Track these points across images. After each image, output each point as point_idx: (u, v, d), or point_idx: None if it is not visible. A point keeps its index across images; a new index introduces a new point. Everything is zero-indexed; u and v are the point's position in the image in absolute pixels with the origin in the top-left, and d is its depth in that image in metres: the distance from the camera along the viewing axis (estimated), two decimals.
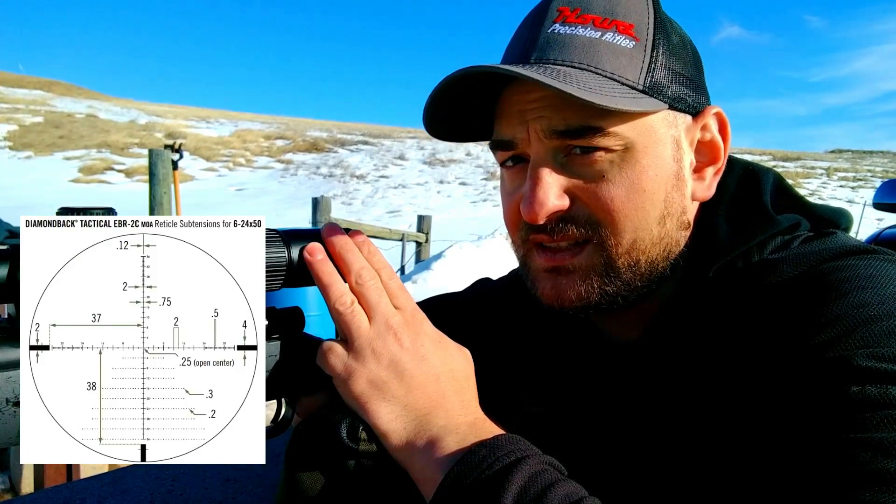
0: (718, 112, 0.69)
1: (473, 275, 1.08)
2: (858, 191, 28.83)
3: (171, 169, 6.80)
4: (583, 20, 0.63)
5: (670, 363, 0.65)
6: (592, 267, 0.65)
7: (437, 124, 0.70)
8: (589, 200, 0.64)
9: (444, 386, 0.58)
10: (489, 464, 0.51)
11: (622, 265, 0.65)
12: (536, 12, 0.67)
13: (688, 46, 0.69)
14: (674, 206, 0.66)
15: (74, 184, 27.57)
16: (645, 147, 0.63)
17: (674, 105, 0.65)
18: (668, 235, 0.66)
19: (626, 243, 0.64)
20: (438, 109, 0.67)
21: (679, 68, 0.66)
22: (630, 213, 0.63)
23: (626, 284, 0.66)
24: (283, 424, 0.63)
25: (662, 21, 0.65)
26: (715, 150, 0.69)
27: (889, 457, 0.45)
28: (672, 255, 0.68)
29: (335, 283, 0.59)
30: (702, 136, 0.69)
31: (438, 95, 0.65)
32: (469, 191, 27.10)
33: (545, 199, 0.63)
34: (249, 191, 28.28)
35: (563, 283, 0.66)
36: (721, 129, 0.69)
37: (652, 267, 0.66)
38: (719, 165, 0.69)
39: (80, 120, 41.41)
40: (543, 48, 0.64)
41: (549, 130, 0.62)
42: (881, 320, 0.52)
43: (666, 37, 0.65)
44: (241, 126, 45.03)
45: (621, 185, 0.63)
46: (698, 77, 0.69)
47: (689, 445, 0.60)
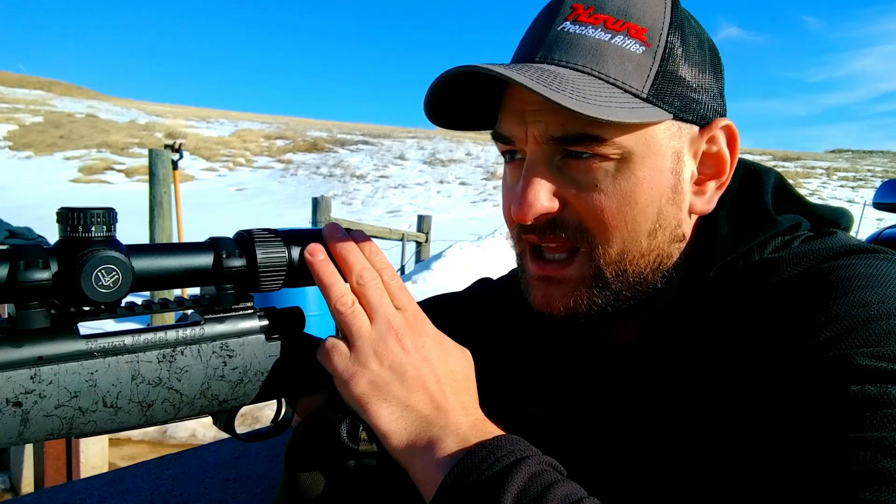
0: (728, 125, 0.67)
1: (473, 275, 1.08)
2: (858, 191, 28.81)
3: (171, 169, 6.80)
4: (595, 20, 0.62)
5: (670, 364, 0.65)
6: (582, 278, 0.65)
7: (439, 113, 0.69)
8: (579, 208, 0.63)
9: (444, 387, 0.58)
10: (489, 464, 0.51)
11: (610, 275, 0.65)
12: (551, 6, 0.66)
13: (706, 50, 0.66)
14: (667, 220, 0.65)
15: (74, 184, 27.55)
16: (643, 158, 0.62)
17: (679, 115, 0.63)
18: (659, 248, 0.66)
19: (613, 254, 0.64)
20: (440, 99, 0.66)
21: (691, 76, 0.64)
22: (619, 224, 0.63)
23: (615, 294, 0.66)
24: (283, 424, 0.64)
25: (679, 24, 0.63)
26: (721, 164, 0.67)
27: (889, 456, 0.45)
28: (664, 266, 0.67)
29: (336, 284, 0.59)
30: (708, 148, 0.67)
31: (439, 87, 0.64)
32: (469, 191, 27.08)
33: (534, 201, 0.63)
34: (249, 191, 28.26)
35: (553, 293, 0.67)
36: (730, 143, 0.67)
37: (640, 278, 0.66)
38: (723, 180, 0.68)
39: (80, 120, 41.39)
40: (550, 47, 0.63)
41: (546, 136, 0.62)
42: (881, 319, 0.52)
43: (682, 41, 0.63)
44: (241, 126, 45.00)
45: (613, 197, 0.62)
46: (713, 83, 0.67)
47: (689, 445, 0.60)
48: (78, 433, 0.50)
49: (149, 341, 0.53)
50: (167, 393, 0.53)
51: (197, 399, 0.55)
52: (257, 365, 0.58)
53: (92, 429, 0.51)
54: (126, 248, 0.50)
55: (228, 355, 0.56)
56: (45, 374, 0.48)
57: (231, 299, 0.58)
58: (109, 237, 0.49)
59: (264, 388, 0.59)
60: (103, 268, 0.48)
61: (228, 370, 0.56)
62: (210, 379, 0.56)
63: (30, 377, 0.47)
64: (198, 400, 0.55)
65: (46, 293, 0.47)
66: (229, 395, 0.57)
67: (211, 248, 0.55)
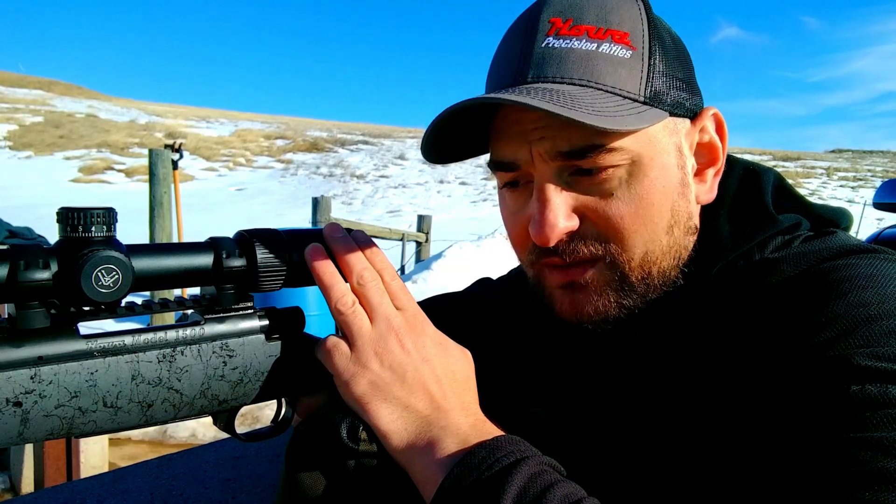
0: (715, 112, 0.68)
1: (473, 275, 1.08)
2: (858, 191, 28.82)
3: (171, 169, 6.80)
4: (577, 31, 0.61)
5: (671, 364, 0.65)
6: (607, 282, 0.64)
7: (434, 153, 0.68)
8: (598, 219, 0.62)
9: (444, 387, 0.58)
10: (489, 465, 0.51)
11: (636, 279, 0.64)
12: (525, 25, 0.65)
13: (679, 46, 0.67)
14: (681, 214, 0.65)
15: (74, 184, 27.56)
16: (651, 159, 0.62)
17: (674, 111, 0.64)
18: (677, 243, 0.66)
19: (637, 257, 0.63)
20: (436, 138, 0.65)
21: (675, 72, 0.64)
22: (639, 228, 0.62)
23: (642, 297, 0.65)
24: (283, 424, 0.64)
25: (655, 24, 0.64)
26: (714, 152, 0.68)
27: (889, 456, 0.46)
28: (682, 260, 0.67)
29: (337, 284, 0.59)
30: (700, 138, 0.68)
31: (439, 127, 0.63)
32: (469, 191, 27.09)
33: (555, 222, 0.62)
34: (249, 191, 28.27)
35: (581, 299, 0.65)
36: (718, 130, 0.68)
37: (664, 276, 0.66)
38: (719, 166, 0.69)
39: (80, 120, 41.39)
40: (540, 65, 0.62)
41: (554, 152, 0.61)
42: (881, 319, 0.52)
43: (660, 41, 0.64)
44: (241, 126, 45.00)
45: (630, 202, 0.62)
46: (692, 77, 0.68)
47: (690, 446, 0.60)
48: (78, 433, 0.50)
49: (149, 341, 0.53)
50: (167, 393, 0.53)
51: (197, 399, 0.55)
52: (257, 365, 0.58)
53: (92, 429, 0.51)
54: (126, 248, 0.50)
55: (228, 355, 0.56)
56: (45, 373, 0.48)
57: (231, 299, 0.58)
58: (109, 237, 0.49)
59: (264, 388, 0.59)
60: (103, 268, 0.48)
61: (228, 370, 0.56)
62: (210, 379, 0.55)
63: (30, 377, 0.47)
64: (198, 400, 0.55)
65: (46, 293, 0.47)
66: (229, 395, 0.57)
67: (211, 248, 0.55)
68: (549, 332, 0.78)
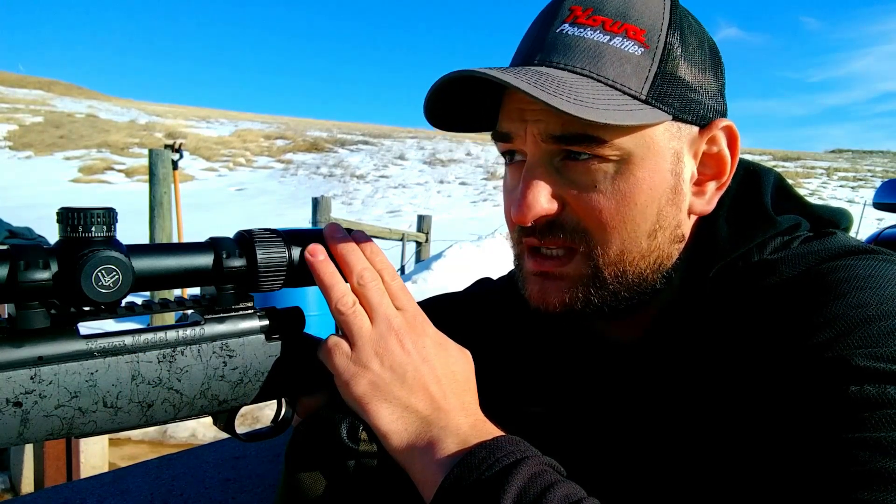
0: (729, 126, 0.66)
1: (473, 275, 1.08)
2: (858, 191, 28.81)
3: (172, 169, 6.80)
4: (593, 21, 0.62)
5: (670, 364, 0.65)
6: (580, 277, 0.65)
7: (439, 116, 0.69)
8: (578, 209, 0.63)
9: (444, 388, 0.58)
10: (489, 465, 0.51)
11: (608, 275, 0.65)
12: (550, 8, 0.66)
13: (705, 49, 0.66)
14: (667, 220, 0.65)
15: (74, 184, 27.55)
16: (642, 159, 0.62)
17: (679, 116, 0.63)
18: (659, 249, 0.66)
19: (612, 254, 0.64)
20: (440, 103, 0.66)
21: (691, 76, 0.64)
22: (618, 225, 0.63)
23: (613, 295, 0.66)
24: (283, 424, 0.64)
25: (679, 23, 0.63)
26: (721, 165, 0.67)
27: (888, 456, 0.46)
28: (664, 267, 0.67)
29: (337, 284, 0.59)
30: (708, 148, 0.67)
31: (438, 91, 0.64)
32: (469, 191, 27.07)
33: (533, 203, 0.63)
34: (249, 191, 28.26)
35: (549, 288, 0.67)
36: (730, 144, 0.67)
37: (640, 279, 0.66)
38: (723, 181, 0.68)
39: (80, 120, 41.38)
40: (549, 49, 0.63)
41: (546, 134, 0.62)
42: (880, 320, 0.53)
43: (681, 41, 0.63)
44: (241, 126, 44.99)
45: (612, 198, 0.62)
46: (714, 83, 0.67)
47: (689, 446, 0.60)
48: (78, 433, 0.50)
49: (149, 341, 0.53)
50: (167, 393, 0.53)
51: (197, 399, 0.55)
52: (257, 365, 0.58)
53: (92, 429, 0.51)
54: (126, 248, 0.50)
55: (228, 355, 0.57)
56: (45, 374, 0.48)
57: (231, 299, 0.58)
58: (110, 237, 0.49)
59: (264, 388, 0.59)
60: (103, 268, 0.48)
61: (228, 370, 0.57)
62: (210, 379, 0.56)
63: (30, 377, 0.47)
64: (198, 400, 0.55)
65: (46, 293, 0.47)
66: (229, 395, 0.57)
67: (211, 248, 0.55)
68: (549, 331, 0.78)
